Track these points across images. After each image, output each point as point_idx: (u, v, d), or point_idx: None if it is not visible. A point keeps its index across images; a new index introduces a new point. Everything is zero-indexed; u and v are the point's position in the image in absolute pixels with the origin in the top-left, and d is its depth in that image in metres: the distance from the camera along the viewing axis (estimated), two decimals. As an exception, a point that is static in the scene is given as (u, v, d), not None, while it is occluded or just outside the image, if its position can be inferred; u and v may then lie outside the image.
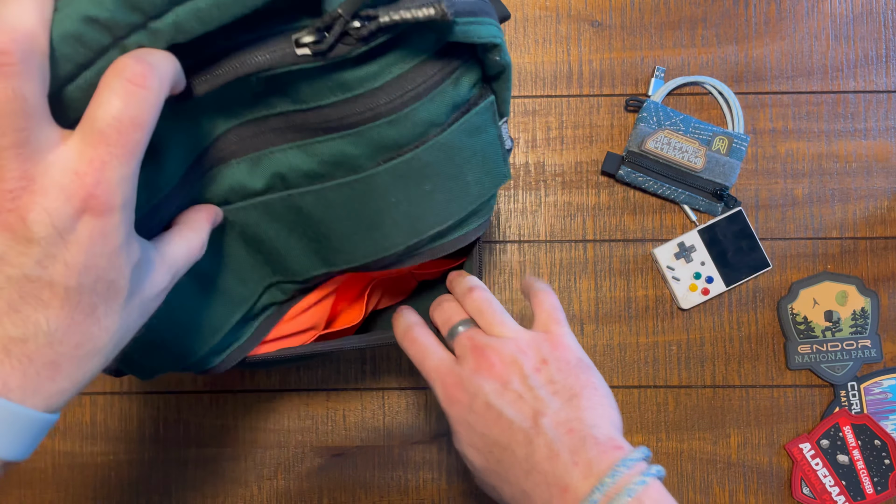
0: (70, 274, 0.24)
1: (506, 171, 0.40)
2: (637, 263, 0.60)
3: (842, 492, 0.59)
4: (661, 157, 0.59)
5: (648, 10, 0.61)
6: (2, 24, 0.22)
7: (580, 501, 0.32)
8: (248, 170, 0.34)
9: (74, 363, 0.26)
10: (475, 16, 0.32)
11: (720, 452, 0.60)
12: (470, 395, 0.37)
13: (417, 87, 0.33)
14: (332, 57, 0.29)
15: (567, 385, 0.36)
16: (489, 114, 0.37)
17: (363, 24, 0.29)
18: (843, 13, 0.61)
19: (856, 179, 0.61)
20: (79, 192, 0.24)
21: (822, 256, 0.61)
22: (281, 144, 0.34)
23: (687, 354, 0.60)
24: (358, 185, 0.35)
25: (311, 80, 0.31)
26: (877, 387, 0.60)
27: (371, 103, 0.32)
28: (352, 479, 0.60)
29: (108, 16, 0.24)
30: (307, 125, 0.33)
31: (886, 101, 0.61)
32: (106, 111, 0.24)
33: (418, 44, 0.32)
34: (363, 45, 0.30)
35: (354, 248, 0.37)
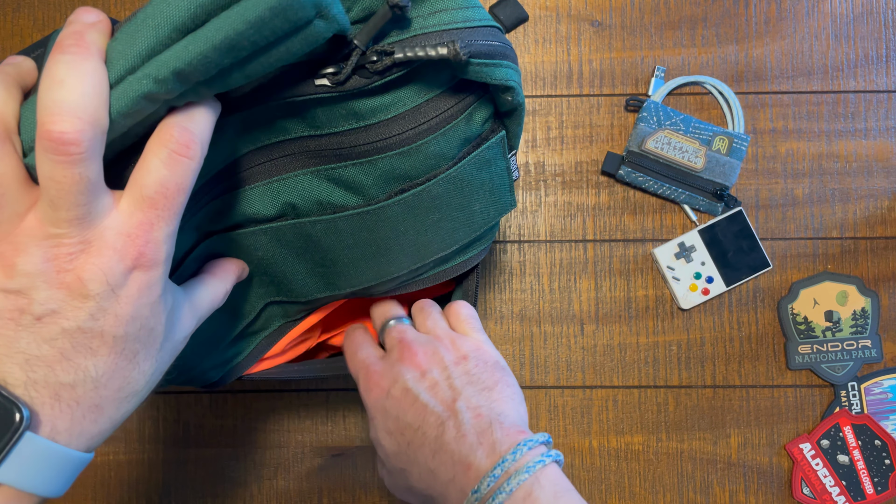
0: (119, 324, 0.27)
1: (512, 200, 0.41)
2: (637, 263, 0.60)
3: (842, 492, 0.59)
4: (662, 156, 0.59)
5: (648, 9, 0.61)
6: (68, 110, 0.23)
7: (481, 478, 0.34)
8: (261, 196, 0.35)
9: (115, 405, 0.28)
10: (492, 58, 0.32)
11: (720, 452, 0.60)
12: (390, 382, 0.39)
13: (430, 120, 0.33)
14: (349, 88, 0.30)
15: (482, 378, 0.38)
16: (500, 148, 0.38)
17: (380, 58, 0.30)
18: (844, 13, 0.61)
19: (856, 179, 0.61)
20: (130, 252, 0.26)
21: (822, 256, 0.60)
22: (294, 170, 0.35)
23: (687, 354, 0.60)
24: (368, 216, 0.35)
25: (326, 107, 0.32)
26: (877, 387, 0.60)
27: (383, 133, 0.33)
28: (351, 479, 0.60)
29: (165, 91, 0.25)
30: (321, 151, 0.34)
31: (887, 100, 0.61)
32: (154, 179, 0.26)
33: (433, 78, 0.33)
34: (378, 78, 0.31)
35: (359, 273, 0.38)
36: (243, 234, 0.36)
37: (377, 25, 0.29)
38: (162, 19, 0.25)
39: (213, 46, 0.25)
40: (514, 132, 0.39)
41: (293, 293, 0.40)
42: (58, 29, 0.30)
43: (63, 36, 0.25)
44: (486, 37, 0.32)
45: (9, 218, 0.25)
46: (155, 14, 0.25)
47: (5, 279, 0.25)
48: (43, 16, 0.61)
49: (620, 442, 0.60)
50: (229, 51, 0.25)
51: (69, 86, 0.24)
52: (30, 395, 0.26)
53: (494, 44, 0.32)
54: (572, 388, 0.60)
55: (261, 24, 0.25)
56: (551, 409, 0.60)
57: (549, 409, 0.60)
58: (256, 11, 0.24)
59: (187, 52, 0.25)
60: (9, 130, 0.25)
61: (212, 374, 0.41)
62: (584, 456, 0.60)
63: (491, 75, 0.33)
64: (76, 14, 0.26)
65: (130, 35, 0.25)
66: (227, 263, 0.36)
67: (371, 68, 0.30)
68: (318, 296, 0.40)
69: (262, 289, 0.39)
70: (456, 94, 0.34)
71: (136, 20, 0.26)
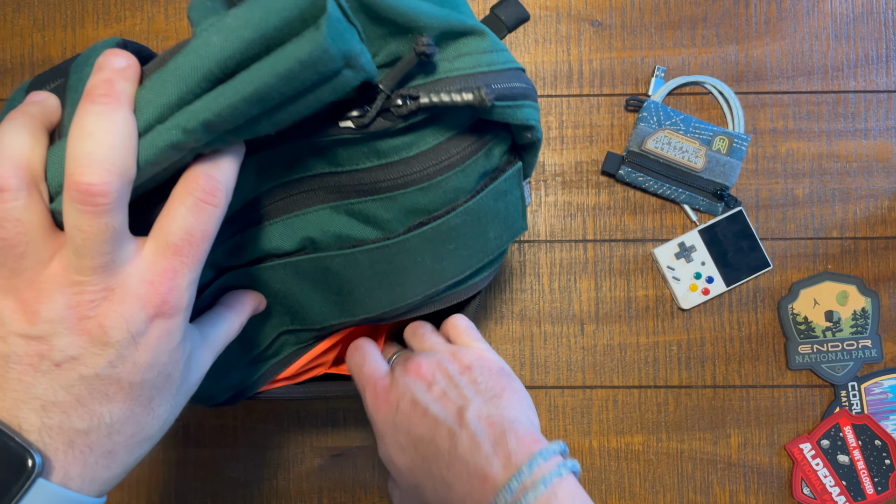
0: (137, 371, 0.26)
1: (524, 224, 0.41)
2: (637, 263, 0.60)
3: (842, 492, 0.59)
4: (662, 156, 0.59)
5: (648, 9, 0.61)
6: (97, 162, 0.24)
7: (498, 491, 0.33)
8: (281, 232, 0.35)
9: (128, 451, 0.28)
10: (515, 100, 0.32)
11: (720, 453, 0.60)
12: (397, 396, 0.38)
13: (451, 157, 0.34)
14: (373, 130, 0.31)
15: (489, 386, 0.38)
16: (516, 178, 0.38)
17: (405, 102, 0.30)
18: (844, 13, 0.61)
19: (856, 179, 0.60)
20: (153, 299, 0.26)
21: (822, 256, 0.60)
22: (314, 205, 0.35)
23: (687, 354, 0.60)
24: (388, 249, 0.36)
25: (349, 146, 0.32)
26: (877, 387, 0.60)
27: (405, 171, 0.33)
28: (351, 479, 0.60)
29: (193, 140, 0.26)
30: (341, 187, 0.34)
31: (887, 100, 0.61)
32: (179, 226, 0.26)
33: (454, 117, 0.33)
34: (403, 121, 0.31)
35: (375, 300, 0.38)
36: (262, 269, 0.36)
37: (403, 71, 0.29)
38: (192, 69, 0.25)
39: (242, 98, 0.25)
40: (530, 162, 0.39)
41: (308, 321, 0.40)
42: (80, 54, 0.30)
43: (93, 84, 0.25)
44: (509, 80, 0.32)
45: (33, 265, 0.25)
46: (185, 64, 0.25)
47: (27, 325, 0.25)
48: (43, 16, 0.61)
49: (620, 442, 0.60)
50: (259, 102, 0.25)
51: (99, 138, 0.24)
52: (44, 441, 0.25)
53: (517, 86, 0.32)
54: (572, 388, 0.60)
55: (290, 77, 0.25)
56: (551, 409, 0.60)
57: (549, 409, 0.60)
58: (287, 64, 0.25)
59: (217, 103, 0.25)
60: (36, 178, 0.25)
61: (220, 397, 0.42)
62: (584, 456, 0.60)
63: (513, 116, 0.33)
64: (106, 59, 0.26)
65: (160, 83, 0.25)
66: (244, 296, 0.35)
67: (396, 112, 0.30)
68: (333, 323, 0.40)
69: (277, 318, 0.40)
70: (476, 132, 0.34)
71: (167, 68, 0.26)
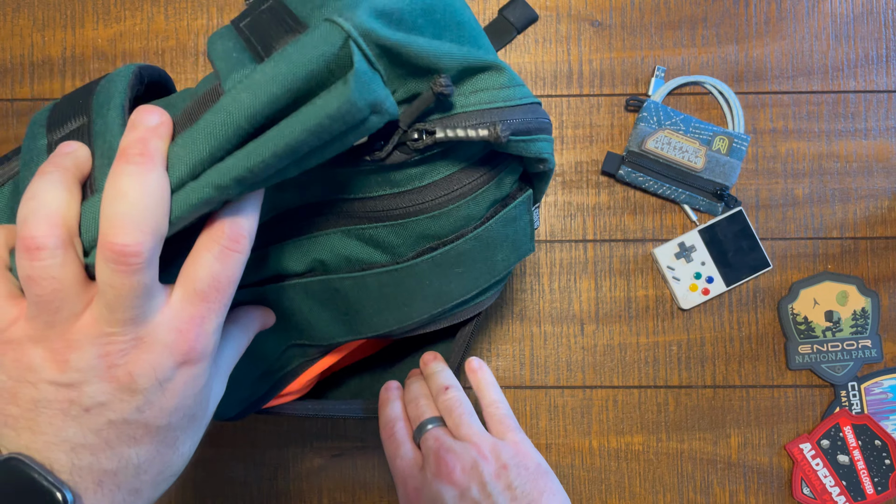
0: (163, 415, 0.27)
1: (531, 246, 0.41)
2: (637, 263, 0.60)
3: (842, 492, 0.59)
4: (662, 156, 0.59)
5: (648, 9, 0.61)
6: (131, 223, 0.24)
7: None
8: (291, 254, 0.35)
9: (153, 487, 0.28)
10: (530, 135, 0.33)
11: (720, 453, 0.60)
12: (429, 501, 0.38)
13: (463, 187, 0.34)
14: (389, 163, 0.31)
15: (526, 491, 0.37)
16: (525, 205, 0.38)
17: (420, 136, 0.30)
18: (844, 13, 0.61)
19: (856, 179, 0.60)
20: (181, 347, 0.26)
21: (822, 256, 0.60)
22: (326, 229, 0.35)
23: (687, 354, 0.60)
24: (397, 273, 0.36)
25: (363, 177, 0.33)
26: (877, 387, 0.60)
27: (416, 199, 0.33)
28: (351, 480, 0.60)
29: (225, 195, 0.26)
30: (353, 213, 0.34)
31: (887, 100, 0.61)
32: (206, 273, 0.26)
33: (467, 150, 0.33)
34: (419, 154, 0.31)
35: (382, 320, 0.39)
36: (271, 289, 0.36)
37: (420, 109, 0.29)
38: (223, 125, 0.25)
39: (273, 154, 0.25)
40: (541, 189, 0.39)
41: (315, 338, 0.40)
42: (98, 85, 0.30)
43: (127, 143, 0.25)
44: (525, 114, 0.32)
45: (66, 318, 0.25)
46: (216, 121, 0.25)
47: (58, 373, 0.26)
48: (43, 16, 0.61)
49: (620, 442, 0.60)
50: (289, 155, 0.25)
51: (133, 199, 0.24)
52: (74, 480, 0.26)
53: (532, 120, 0.33)
54: (572, 388, 0.60)
55: (320, 131, 0.25)
56: (551, 409, 0.60)
57: (550, 409, 0.60)
58: (317, 119, 0.25)
59: (248, 160, 0.25)
60: (72, 234, 0.26)
61: (230, 412, 0.42)
62: (584, 456, 0.60)
63: (527, 150, 0.33)
64: (140, 116, 0.26)
65: (192, 140, 0.26)
66: (252, 312, 0.35)
67: (412, 146, 0.30)
68: (339, 340, 0.40)
69: (285, 333, 0.40)
70: (489, 163, 0.35)
71: (198, 126, 0.26)
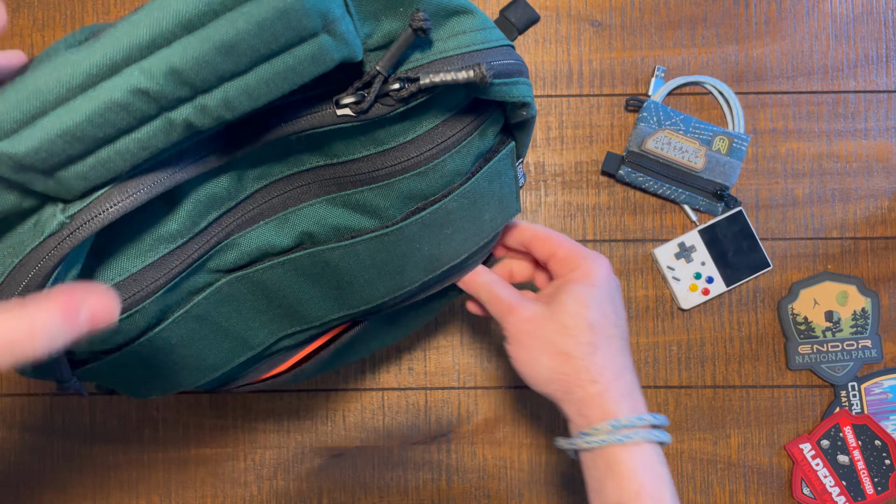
0: None
1: (517, 206, 0.41)
2: (637, 263, 0.60)
3: (842, 492, 0.58)
4: (662, 156, 0.59)
5: (648, 9, 0.61)
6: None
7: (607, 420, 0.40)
8: (277, 229, 0.35)
9: None
10: (510, 76, 0.32)
11: (720, 453, 0.60)
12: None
13: (447, 140, 0.33)
14: (372, 116, 0.30)
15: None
16: (509, 158, 0.38)
17: (403, 85, 0.29)
18: (844, 13, 0.61)
19: (856, 179, 0.60)
20: None
21: (822, 256, 0.60)
22: (310, 200, 0.34)
23: (687, 355, 0.60)
24: (386, 237, 0.35)
25: (346, 138, 0.32)
26: (877, 387, 0.60)
27: (402, 156, 0.33)
28: (351, 480, 0.60)
29: (158, 89, 0.25)
30: (337, 179, 0.34)
31: (887, 100, 0.61)
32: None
33: (449, 99, 0.33)
34: (403, 105, 0.30)
35: (374, 290, 0.38)
36: (260, 271, 0.36)
37: (400, 50, 0.29)
38: (165, 13, 0.24)
39: (213, 45, 0.24)
40: (524, 142, 0.39)
41: (307, 319, 0.40)
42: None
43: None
44: (503, 56, 0.32)
45: None
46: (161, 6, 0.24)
47: None
48: (43, 16, 0.61)
49: (620, 442, 0.60)
50: (229, 52, 0.24)
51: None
52: None
53: (512, 62, 0.32)
54: (572, 389, 0.60)
55: (263, 26, 0.24)
56: (552, 409, 0.60)
57: (550, 409, 0.60)
58: (261, 12, 0.24)
59: (186, 51, 0.24)
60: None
61: (205, 385, 0.41)
62: (584, 456, 0.60)
63: (510, 93, 0.33)
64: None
65: (131, 25, 0.25)
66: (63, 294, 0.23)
67: (395, 96, 0.30)
68: (332, 317, 0.40)
69: (276, 324, 0.39)
70: (471, 113, 0.34)
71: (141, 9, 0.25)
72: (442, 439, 0.59)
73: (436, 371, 0.60)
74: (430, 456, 0.59)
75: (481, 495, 0.59)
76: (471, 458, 0.59)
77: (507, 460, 0.59)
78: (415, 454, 0.59)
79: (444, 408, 0.60)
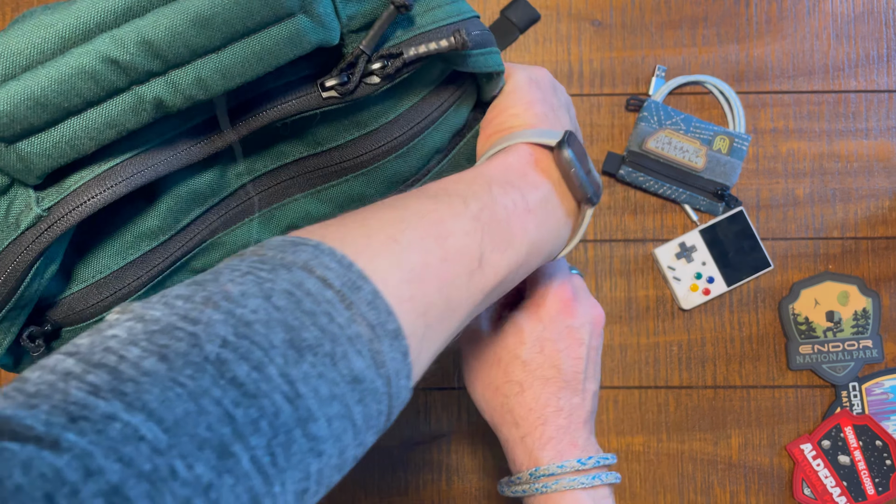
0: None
1: None
2: (638, 263, 0.60)
3: (843, 492, 0.58)
4: (662, 156, 0.59)
5: (649, 9, 0.61)
6: None
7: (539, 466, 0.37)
8: (262, 226, 0.35)
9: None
10: (484, 47, 0.32)
11: (721, 453, 0.60)
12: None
13: (427, 116, 0.34)
14: (358, 96, 0.30)
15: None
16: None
17: (387, 63, 0.29)
18: (845, 12, 0.61)
19: (857, 179, 0.60)
20: None
21: (823, 256, 0.60)
22: (295, 195, 0.34)
23: (688, 355, 0.60)
24: None
25: (330, 121, 0.32)
26: (878, 387, 0.60)
27: (386, 137, 0.33)
28: (351, 480, 0.59)
29: (129, 59, 0.24)
30: (322, 170, 0.34)
31: (888, 100, 0.60)
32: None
33: (427, 76, 0.33)
34: (388, 82, 0.30)
35: None
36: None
37: (383, 27, 0.29)
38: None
39: (187, 18, 0.24)
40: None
41: None
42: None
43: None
44: (476, 27, 0.32)
45: None
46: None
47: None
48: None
49: (621, 442, 0.60)
50: (203, 26, 0.24)
51: None
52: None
53: (485, 33, 0.33)
54: (573, 389, 0.60)
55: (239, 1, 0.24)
56: (552, 410, 0.60)
57: (550, 410, 0.60)
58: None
59: (158, 21, 0.24)
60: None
61: None
62: (584, 456, 0.60)
63: (486, 63, 0.33)
64: None
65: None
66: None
67: (381, 73, 0.29)
68: None
69: None
70: (447, 87, 0.34)
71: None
72: (442, 439, 0.59)
73: (436, 371, 0.60)
74: (431, 456, 0.59)
75: (481, 495, 0.59)
76: (471, 458, 0.59)
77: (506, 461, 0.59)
78: (415, 454, 0.59)
79: (443, 408, 0.60)
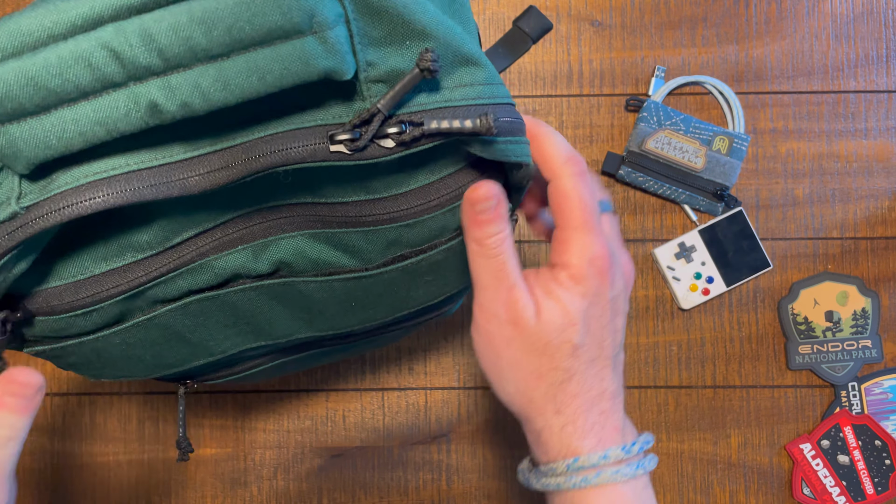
0: None
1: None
2: (637, 263, 0.60)
3: (842, 492, 0.58)
4: (662, 156, 0.59)
5: (649, 9, 0.61)
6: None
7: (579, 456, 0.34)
8: (254, 255, 0.34)
9: None
10: (513, 135, 0.31)
11: (721, 453, 0.60)
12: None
13: (441, 197, 0.32)
14: (368, 157, 0.28)
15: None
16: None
17: (405, 128, 0.28)
18: (844, 13, 0.61)
19: (856, 179, 0.60)
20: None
21: (822, 256, 0.60)
22: (292, 231, 0.33)
23: (687, 355, 0.60)
24: (365, 280, 0.35)
25: (338, 181, 0.31)
26: (877, 387, 0.60)
27: (392, 207, 0.32)
28: (351, 480, 0.60)
29: (128, 51, 0.24)
30: (322, 217, 0.33)
31: (887, 100, 0.61)
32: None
33: (448, 157, 0.32)
34: (402, 149, 0.28)
35: (345, 321, 0.38)
36: (232, 293, 0.35)
37: (406, 89, 0.27)
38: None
39: (191, 16, 0.23)
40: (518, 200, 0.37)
41: (273, 336, 0.39)
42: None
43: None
44: (508, 114, 0.31)
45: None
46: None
47: None
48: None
49: (620, 442, 0.60)
50: (206, 26, 0.24)
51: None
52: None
53: (516, 121, 0.31)
54: (572, 389, 0.60)
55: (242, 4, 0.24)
56: (551, 410, 0.60)
57: (549, 410, 0.60)
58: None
59: (162, 16, 0.24)
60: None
61: (160, 378, 0.41)
62: (584, 456, 0.60)
63: (514, 153, 0.31)
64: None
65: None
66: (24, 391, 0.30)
67: (396, 139, 0.28)
68: (300, 336, 0.39)
69: (241, 337, 0.38)
70: (470, 172, 0.33)
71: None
72: (442, 439, 0.59)
73: (436, 371, 0.60)
74: (430, 456, 0.59)
75: (481, 495, 0.59)
76: (471, 458, 0.59)
77: (507, 460, 0.59)
78: (415, 454, 0.59)
79: (444, 408, 0.60)
